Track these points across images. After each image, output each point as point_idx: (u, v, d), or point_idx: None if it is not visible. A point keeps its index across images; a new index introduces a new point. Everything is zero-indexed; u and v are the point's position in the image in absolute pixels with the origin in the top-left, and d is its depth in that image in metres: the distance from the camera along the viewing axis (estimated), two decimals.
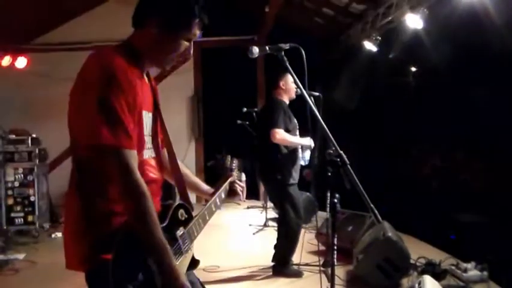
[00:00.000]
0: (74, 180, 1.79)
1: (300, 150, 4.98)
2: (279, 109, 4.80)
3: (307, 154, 5.09)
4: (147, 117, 1.88)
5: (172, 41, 1.88)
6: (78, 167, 1.79)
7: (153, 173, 1.94)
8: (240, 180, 2.56)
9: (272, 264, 5.05)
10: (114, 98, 1.65)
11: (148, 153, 1.93)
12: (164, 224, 1.80)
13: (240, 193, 2.44)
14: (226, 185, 2.39)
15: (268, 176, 4.93)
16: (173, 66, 10.54)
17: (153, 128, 1.96)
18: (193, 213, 2.08)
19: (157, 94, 2.06)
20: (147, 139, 1.90)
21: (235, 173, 2.54)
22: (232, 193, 2.44)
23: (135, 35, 1.91)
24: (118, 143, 1.64)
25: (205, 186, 2.34)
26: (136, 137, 1.77)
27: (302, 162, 5.06)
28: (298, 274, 4.95)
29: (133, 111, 1.74)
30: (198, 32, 1.92)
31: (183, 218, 1.97)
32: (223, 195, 2.35)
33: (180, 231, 1.91)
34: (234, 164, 2.61)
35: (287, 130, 4.78)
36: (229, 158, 2.67)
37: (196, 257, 2.07)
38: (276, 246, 5.05)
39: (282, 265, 4.97)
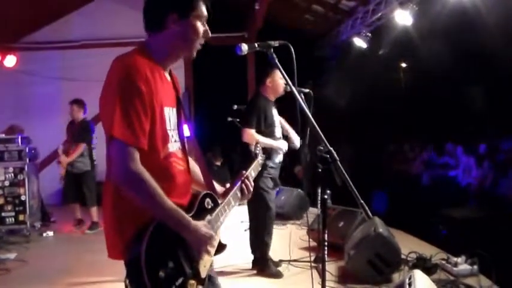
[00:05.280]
0: (109, 175, 1.95)
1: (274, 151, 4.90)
2: (255, 108, 4.78)
3: (279, 157, 4.95)
4: (170, 113, 2.04)
5: (190, 28, 2.02)
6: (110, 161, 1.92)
7: (181, 165, 2.09)
8: (262, 164, 2.62)
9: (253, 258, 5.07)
10: (131, 98, 1.83)
11: (176, 146, 2.07)
12: (191, 214, 1.98)
13: (245, 193, 2.35)
14: (239, 185, 2.33)
15: (242, 166, 4.83)
16: None
17: (178, 122, 2.11)
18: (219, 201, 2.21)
19: (179, 90, 2.22)
20: (173, 133, 2.05)
21: (259, 157, 2.60)
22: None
23: (155, 38, 2.04)
24: (123, 138, 1.81)
25: (217, 187, 2.33)
26: (160, 133, 1.95)
27: (272, 165, 4.90)
28: (278, 275, 4.90)
29: (151, 110, 1.90)
30: (205, 12, 2.06)
31: (209, 207, 2.13)
32: (238, 194, 2.31)
33: (206, 219, 2.06)
34: (258, 148, 2.63)
35: (259, 131, 4.75)
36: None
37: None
38: (252, 242, 5.05)
39: (261, 264, 4.97)
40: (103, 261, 1.99)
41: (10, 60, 9.88)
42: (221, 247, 2.18)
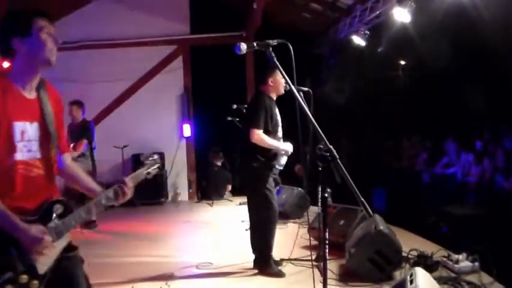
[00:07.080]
0: None
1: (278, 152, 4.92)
2: (261, 108, 4.77)
3: (284, 159, 5.01)
4: (25, 127, 2.23)
5: (36, 42, 2.26)
6: None
7: (32, 171, 2.26)
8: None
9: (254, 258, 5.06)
10: None
11: (30, 156, 2.26)
12: (36, 217, 2.19)
13: (120, 196, 2.45)
14: (115, 187, 2.45)
15: (247, 165, 4.85)
16: (162, 65, 10.59)
17: (41, 135, 2.30)
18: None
19: (54, 105, 2.41)
20: (26, 144, 2.23)
21: (148, 166, 2.62)
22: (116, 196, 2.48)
23: (13, 62, 2.26)
24: None
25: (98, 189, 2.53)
26: (2, 144, 2.14)
27: (278, 167, 4.99)
28: (279, 274, 4.89)
29: None
30: (44, 22, 2.34)
31: (58, 211, 2.28)
32: (110, 195, 2.44)
33: (49, 224, 2.21)
34: (153, 158, 2.66)
35: (267, 131, 4.77)
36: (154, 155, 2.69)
37: (75, 244, 2.47)
38: (253, 242, 5.04)
39: (263, 263, 4.95)
40: (105, 264, 2.00)
41: (7, 63, 9.86)
42: (71, 248, 2.40)
